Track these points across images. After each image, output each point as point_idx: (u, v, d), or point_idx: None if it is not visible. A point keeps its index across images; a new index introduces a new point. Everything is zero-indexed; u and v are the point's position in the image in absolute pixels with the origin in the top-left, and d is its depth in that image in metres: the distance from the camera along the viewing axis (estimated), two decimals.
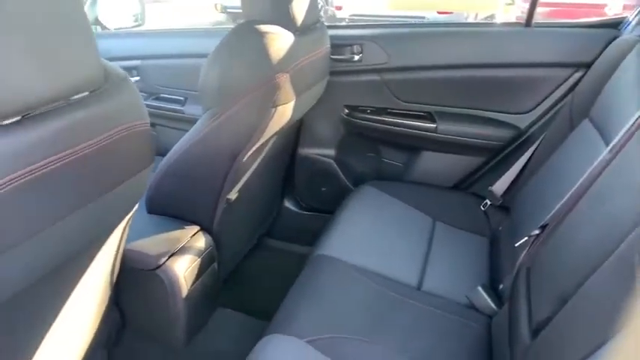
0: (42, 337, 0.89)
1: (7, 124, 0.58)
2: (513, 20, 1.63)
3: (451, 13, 6.12)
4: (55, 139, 0.63)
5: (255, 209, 1.61)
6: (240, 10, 1.30)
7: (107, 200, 0.79)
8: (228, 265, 1.46)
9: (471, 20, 5.95)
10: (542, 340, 0.83)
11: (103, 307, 1.08)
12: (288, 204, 1.94)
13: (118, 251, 1.02)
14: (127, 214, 0.91)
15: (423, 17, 5.76)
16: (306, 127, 1.81)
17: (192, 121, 1.29)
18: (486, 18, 5.89)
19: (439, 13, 6.04)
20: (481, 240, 1.46)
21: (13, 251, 0.62)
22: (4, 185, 0.57)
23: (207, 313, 1.30)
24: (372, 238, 1.37)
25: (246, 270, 1.71)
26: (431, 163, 1.75)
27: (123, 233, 1.00)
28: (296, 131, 1.78)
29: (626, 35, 1.40)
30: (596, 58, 1.40)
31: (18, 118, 0.59)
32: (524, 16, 1.60)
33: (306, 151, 1.85)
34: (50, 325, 0.90)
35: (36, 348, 0.89)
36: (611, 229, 0.78)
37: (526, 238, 1.09)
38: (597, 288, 0.75)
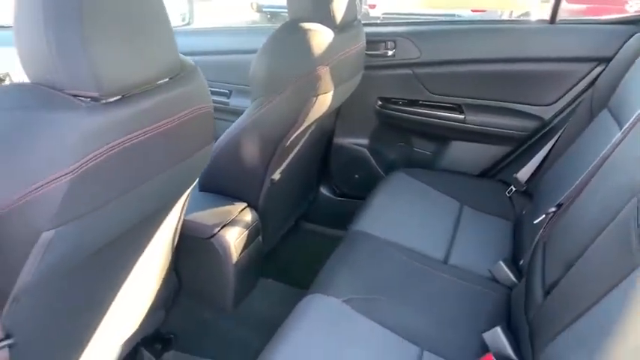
0: (115, 294, 1.04)
1: (111, 102, 0.73)
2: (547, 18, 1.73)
3: (485, 11, 6.15)
4: (145, 116, 0.78)
5: (294, 190, 1.75)
6: (276, 10, 1.44)
7: (178, 170, 0.94)
8: (271, 240, 1.60)
9: (505, 18, 5.94)
10: (552, 298, 0.94)
11: (164, 271, 1.23)
12: (324, 190, 2.07)
13: (178, 221, 1.18)
14: (190, 184, 1.06)
15: (453, 15, 5.81)
16: (343, 117, 1.94)
17: (237, 113, 1.44)
18: (520, 16, 5.88)
19: (473, 11, 6.07)
20: (506, 223, 1.57)
21: (114, 204, 0.78)
22: (109, 149, 0.72)
23: (252, 280, 1.45)
24: (402, 218, 1.49)
25: (286, 248, 1.86)
26: (459, 152, 1.86)
27: (184, 204, 1.15)
28: (333, 122, 1.92)
29: None
30: (616, 53, 1.49)
31: (119, 97, 0.74)
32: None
33: (342, 140, 1.99)
34: (122, 283, 1.05)
35: (110, 304, 1.04)
36: (614, 199, 0.88)
37: (544, 215, 1.20)
38: (599, 250, 0.86)
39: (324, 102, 1.37)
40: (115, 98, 0.73)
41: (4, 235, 0.66)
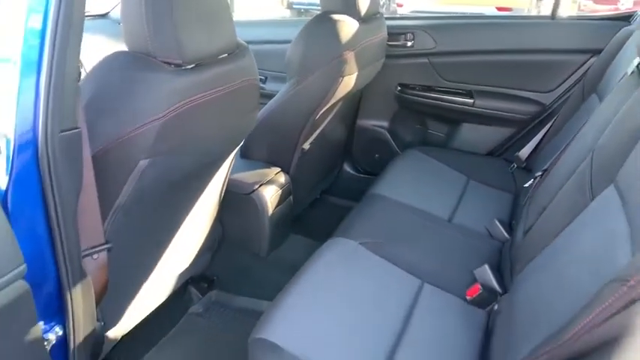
0: (177, 228, 1.30)
1: (188, 68, 0.98)
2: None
3: (510, 9, 6.28)
4: (211, 81, 1.03)
5: (321, 162, 1.99)
6: (305, 7, 1.68)
7: (231, 128, 1.19)
8: (300, 203, 1.85)
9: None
10: (527, 238, 1.17)
11: (212, 219, 1.49)
12: (347, 167, 2.32)
13: (225, 177, 1.43)
14: (239, 142, 1.31)
15: (477, 13, 5.95)
16: (365, 101, 2.17)
17: (272, 96, 1.68)
18: None
19: (498, 9, 6.22)
20: (507, 196, 1.78)
21: (187, 146, 1.03)
22: (186, 104, 0.97)
23: (284, 232, 1.70)
24: (414, 186, 1.72)
25: (314, 214, 2.11)
26: (469, 133, 2.08)
27: (231, 163, 1.40)
28: (356, 105, 2.15)
29: (632, 26, 1.68)
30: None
31: (193, 65, 0.99)
32: (583, 13, 1.90)
33: (364, 122, 2.22)
34: (183, 221, 1.30)
35: (174, 235, 1.29)
36: (580, 157, 1.10)
37: (532, 180, 1.42)
38: (563, 197, 1.09)
39: (349, 82, 1.61)
40: (191, 66, 0.98)
41: (114, 161, 0.92)
